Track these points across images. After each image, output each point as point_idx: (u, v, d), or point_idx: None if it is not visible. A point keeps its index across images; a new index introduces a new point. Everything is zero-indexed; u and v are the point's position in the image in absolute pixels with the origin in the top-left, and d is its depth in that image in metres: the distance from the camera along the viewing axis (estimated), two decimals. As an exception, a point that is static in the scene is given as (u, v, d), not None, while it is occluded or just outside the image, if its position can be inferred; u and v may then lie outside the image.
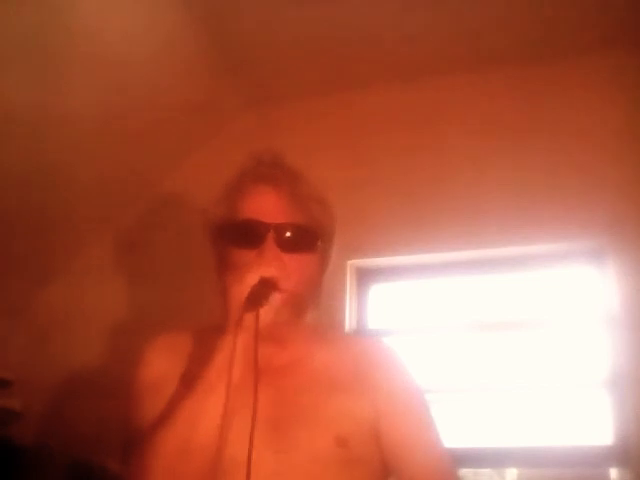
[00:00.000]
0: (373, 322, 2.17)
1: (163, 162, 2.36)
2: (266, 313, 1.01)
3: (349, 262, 2.13)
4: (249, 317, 0.99)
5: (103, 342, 2.18)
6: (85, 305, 2.27)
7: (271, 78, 2.30)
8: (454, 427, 1.94)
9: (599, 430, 1.87)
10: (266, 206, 1.09)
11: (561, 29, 2.03)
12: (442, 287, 2.18)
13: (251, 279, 1.00)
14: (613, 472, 1.84)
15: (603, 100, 2.07)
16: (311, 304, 1.16)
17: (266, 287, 1.01)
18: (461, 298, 2.13)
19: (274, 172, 1.13)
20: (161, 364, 1.12)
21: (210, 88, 2.26)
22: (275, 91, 2.36)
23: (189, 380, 1.03)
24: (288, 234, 1.07)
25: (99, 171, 2.15)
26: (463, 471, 2.00)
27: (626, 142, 2.01)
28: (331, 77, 2.28)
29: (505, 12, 1.97)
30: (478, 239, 2.04)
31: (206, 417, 0.98)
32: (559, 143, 2.08)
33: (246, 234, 1.08)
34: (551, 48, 2.11)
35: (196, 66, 2.14)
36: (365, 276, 2.20)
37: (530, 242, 2.01)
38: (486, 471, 2.06)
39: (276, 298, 1.02)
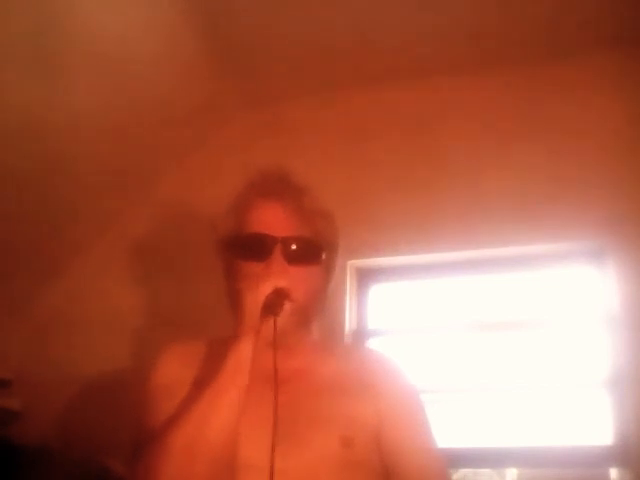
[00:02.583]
0: (373, 322, 2.17)
1: (163, 162, 2.36)
2: (279, 321, 1.06)
3: (349, 262, 2.12)
4: (266, 325, 1.05)
5: (103, 342, 2.17)
6: (85, 305, 2.27)
7: (271, 79, 2.30)
8: (454, 427, 1.94)
9: (599, 430, 1.87)
10: (273, 220, 1.14)
11: (561, 29, 2.03)
12: (442, 287, 2.18)
13: (266, 288, 1.05)
14: (613, 472, 1.84)
15: (603, 100, 2.07)
16: (317, 314, 1.21)
17: (280, 296, 1.06)
18: (461, 298, 2.13)
19: (280, 187, 1.18)
20: (175, 370, 1.16)
21: (210, 88, 2.26)
22: (275, 92, 2.36)
23: (201, 384, 1.05)
24: (294, 247, 1.13)
25: (99, 171, 2.15)
26: (463, 471, 2.00)
27: (626, 142, 2.01)
28: (331, 78, 2.28)
29: (505, 13, 1.96)
30: (478, 239, 2.04)
31: (217, 419, 1.00)
32: (559, 143, 2.07)
33: (254, 247, 1.13)
34: (551, 48, 2.11)
35: (196, 66, 2.14)
36: (365, 276, 2.20)
37: (530, 242, 2.01)
38: (486, 471, 2.06)
39: (287, 307, 1.08)
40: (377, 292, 2.21)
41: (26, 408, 2.09)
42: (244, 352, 1.03)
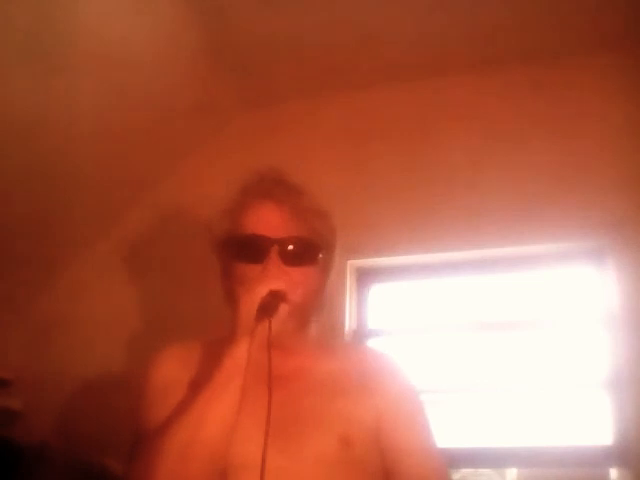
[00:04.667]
0: (373, 322, 2.17)
1: (162, 162, 2.36)
2: (275, 323, 1.06)
3: (349, 262, 2.12)
4: (261, 326, 1.05)
5: (103, 341, 2.18)
6: (85, 305, 2.27)
7: (270, 79, 2.30)
8: (454, 427, 1.94)
9: (599, 430, 1.87)
10: (269, 221, 1.15)
11: (561, 30, 2.03)
12: (442, 287, 2.18)
13: (261, 290, 1.06)
14: (613, 472, 1.84)
15: (603, 100, 2.07)
16: (315, 313, 1.22)
17: (275, 298, 1.07)
18: (461, 298, 2.13)
19: (276, 188, 1.19)
20: (172, 371, 1.16)
21: (209, 89, 2.26)
22: (274, 92, 2.36)
23: (197, 385, 1.06)
24: (291, 248, 1.13)
25: (99, 171, 2.15)
26: (463, 471, 2.01)
27: (626, 142, 2.01)
28: (330, 78, 2.28)
29: (505, 13, 1.96)
30: (478, 239, 2.04)
31: (212, 420, 1.00)
32: (559, 143, 2.07)
33: (250, 249, 1.14)
34: (551, 49, 2.11)
35: (195, 67, 2.14)
36: (365, 276, 2.20)
37: (530, 242, 2.01)
38: (486, 471, 2.06)
39: (284, 309, 1.08)
40: (377, 292, 2.21)
41: (26, 408, 2.09)
42: (239, 354, 1.04)
